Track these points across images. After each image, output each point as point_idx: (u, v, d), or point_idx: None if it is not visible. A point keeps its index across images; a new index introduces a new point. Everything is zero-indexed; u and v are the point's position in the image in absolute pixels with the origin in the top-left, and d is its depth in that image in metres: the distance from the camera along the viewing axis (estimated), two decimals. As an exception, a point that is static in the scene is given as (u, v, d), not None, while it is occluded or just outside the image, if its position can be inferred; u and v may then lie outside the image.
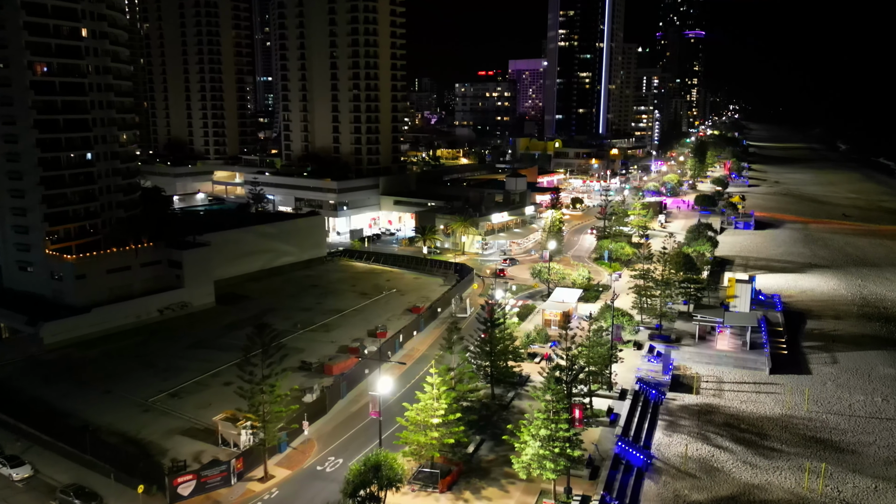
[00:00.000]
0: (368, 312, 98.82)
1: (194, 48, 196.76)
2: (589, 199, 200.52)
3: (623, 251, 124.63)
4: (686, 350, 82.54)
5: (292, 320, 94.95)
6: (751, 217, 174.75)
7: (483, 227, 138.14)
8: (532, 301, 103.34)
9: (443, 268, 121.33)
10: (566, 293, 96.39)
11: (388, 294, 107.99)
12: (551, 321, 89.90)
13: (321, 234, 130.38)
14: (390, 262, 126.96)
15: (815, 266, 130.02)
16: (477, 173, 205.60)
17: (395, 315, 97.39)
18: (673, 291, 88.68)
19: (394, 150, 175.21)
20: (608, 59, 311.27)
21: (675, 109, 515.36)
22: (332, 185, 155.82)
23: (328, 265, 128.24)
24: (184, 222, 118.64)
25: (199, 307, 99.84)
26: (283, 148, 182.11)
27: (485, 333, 68.62)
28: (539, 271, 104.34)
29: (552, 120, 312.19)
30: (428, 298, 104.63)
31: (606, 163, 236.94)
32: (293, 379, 74.73)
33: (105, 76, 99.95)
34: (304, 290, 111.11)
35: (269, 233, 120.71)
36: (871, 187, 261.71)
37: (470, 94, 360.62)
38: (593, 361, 67.41)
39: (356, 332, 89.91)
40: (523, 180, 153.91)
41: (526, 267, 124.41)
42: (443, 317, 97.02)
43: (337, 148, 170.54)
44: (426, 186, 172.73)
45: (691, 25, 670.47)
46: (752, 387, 74.22)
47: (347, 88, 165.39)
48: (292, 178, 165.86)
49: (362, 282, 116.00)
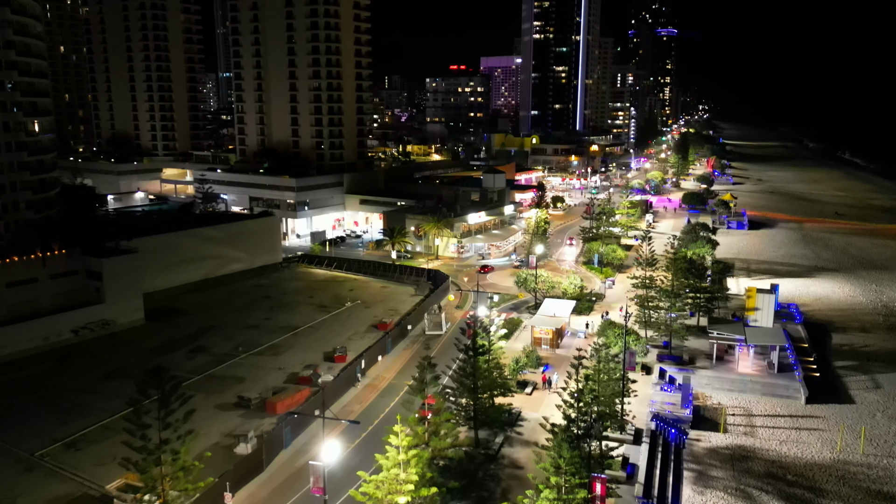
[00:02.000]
0: (326, 330, 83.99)
1: (138, 34, 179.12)
2: (570, 198, 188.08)
3: (615, 254, 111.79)
4: (703, 374, 69.48)
5: (234, 341, 79.70)
6: (743, 216, 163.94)
7: (458, 229, 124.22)
8: (517, 314, 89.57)
9: (414, 275, 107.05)
10: (557, 305, 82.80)
11: (351, 307, 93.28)
12: (542, 339, 76.17)
13: (275, 237, 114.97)
14: (354, 269, 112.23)
15: (823, 269, 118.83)
16: (450, 170, 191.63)
17: (358, 333, 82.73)
18: (682, 303, 75.48)
19: (359, 144, 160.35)
20: (585, 52, 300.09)
21: (650, 107, 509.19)
22: (291, 182, 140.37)
23: (284, 273, 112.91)
24: (113, 225, 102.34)
25: (125, 326, 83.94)
26: (237, 143, 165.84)
27: (466, 363, 54.34)
28: (525, 279, 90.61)
29: (527, 116, 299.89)
30: (397, 312, 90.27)
31: (586, 160, 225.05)
32: (226, 420, 59.75)
33: (6, 51, 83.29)
34: (253, 303, 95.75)
35: (214, 236, 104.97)
36: (856, 185, 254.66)
37: (441, 89, 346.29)
38: (602, 397, 53.69)
39: (310, 356, 75.07)
40: (502, 177, 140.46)
41: (507, 273, 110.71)
42: (414, 334, 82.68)
43: (296, 142, 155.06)
44: (395, 184, 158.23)
45: (663, 23, 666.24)
46: (789, 421, 61.37)
47: (307, 76, 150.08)
48: (246, 176, 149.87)
49: (321, 292, 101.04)
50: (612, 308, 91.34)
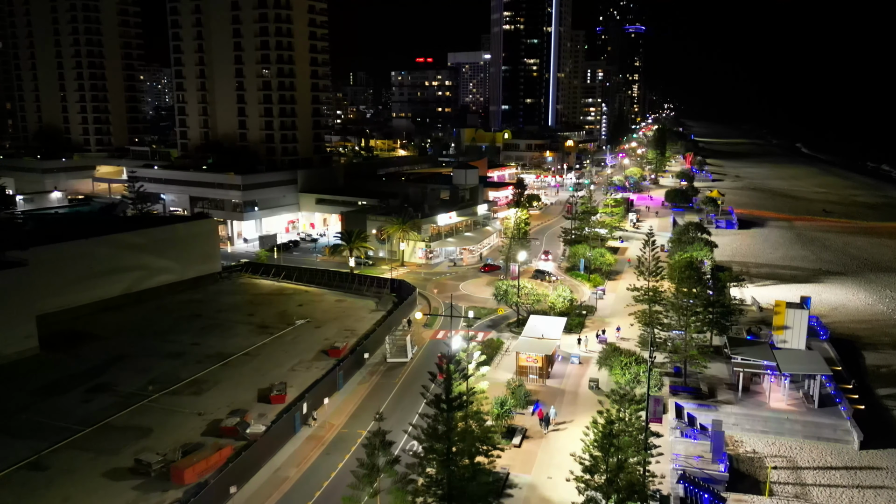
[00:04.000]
0: (266, 358, 68.79)
1: (66, 16, 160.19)
2: (546, 197, 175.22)
3: (604, 259, 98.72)
4: (728, 411, 56.36)
5: (148, 375, 64.01)
6: (731, 215, 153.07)
7: (426, 231, 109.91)
8: (496, 332, 75.64)
9: (375, 286, 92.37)
10: (545, 323, 69.01)
11: (299, 326, 78.17)
12: (529, 368, 62.27)
13: (212, 242, 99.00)
14: (306, 279, 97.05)
15: (828, 273, 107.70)
16: (417, 167, 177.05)
17: (305, 361, 67.76)
18: (699, 320, 62.22)
19: (316, 138, 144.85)
20: (557, 44, 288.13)
21: (620, 104, 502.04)
22: (236, 179, 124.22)
23: (222, 285, 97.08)
24: (10, 231, 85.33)
25: (10, 357, 67.52)
26: (178, 136, 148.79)
27: (438, 420, 39.87)
28: (505, 292, 76.63)
29: (498, 111, 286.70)
30: (353, 332, 75.55)
31: (562, 155, 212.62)
32: (116, 495, 44.39)
33: None
34: (179, 324, 79.91)
35: (136, 243, 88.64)
36: (835, 181, 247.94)
37: (408, 83, 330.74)
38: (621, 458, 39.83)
39: (241, 395, 59.88)
40: (474, 172, 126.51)
41: (483, 282, 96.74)
42: (373, 362, 68.05)
43: (244, 135, 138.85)
44: (357, 182, 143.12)
45: (631, 20, 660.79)
46: (846, 476, 48.54)
47: (255, 60, 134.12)
48: (186, 173, 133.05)
49: (265, 308, 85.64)
50: (607, 323, 78.12)
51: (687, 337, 60.27)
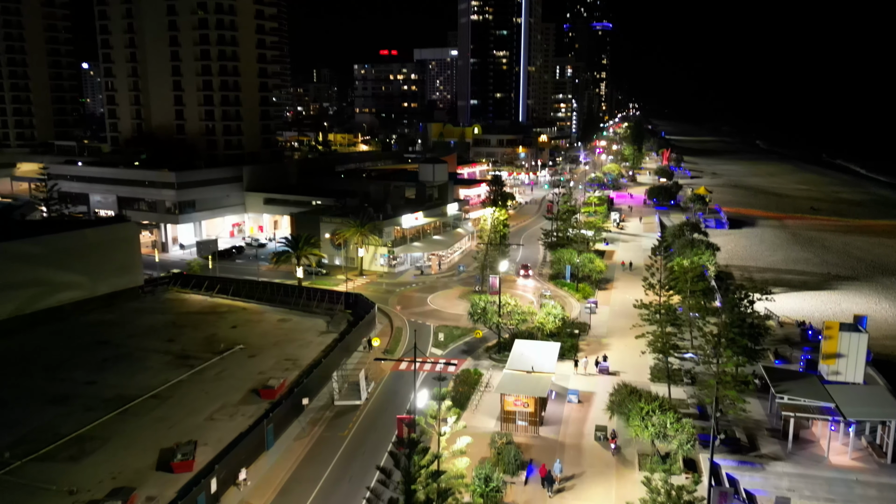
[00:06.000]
0: (179, 401, 53.63)
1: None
2: (521, 195, 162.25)
3: (593, 266, 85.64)
4: (777, 469, 43.45)
5: (15, 431, 48.38)
6: (720, 214, 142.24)
7: (389, 235, 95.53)
8: (472, 360, 61.73)
9: (327, 301, 77.59)
10: (534, 350, 55.32)
11: (228, 355, 63.06)
12: (517, 414, 48.42)
13: (132, 251, 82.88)
14: (245, 293, 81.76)
15: (839, 278, 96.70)
16: (381, 163, 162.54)
17: (229, 406, 52.78)
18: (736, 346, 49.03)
19: (264, 130, 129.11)
20: (527, 36, 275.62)
21: (590, 102, 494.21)
22: (170, 177, 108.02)
23: (145, 301, 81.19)
24: None
25: None
26: (108, 128, 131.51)
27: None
28: (483, 309, 62.67)
29: (466, 106, 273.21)
30: (295, 363, 60.87)
31: (535, 152, 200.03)
32: None
33: None
34: (78, 354, 64.01)
35: (31, 253, 72.30)
36: (814, 178, 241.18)
37: (371, 76, 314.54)
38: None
39: (133, 461, 44.71)
40: (443, 167, 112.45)
41: (455, 294, 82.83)
42: (317, 405, 53.45)
43: (181, 126, 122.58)
44: (312, 179, 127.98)
45: (598, 17, 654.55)
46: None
47: (192, 42, 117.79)
48: (113, 170, 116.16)
49: (190, 331, 70.21)
50: (605, 346, 64.98)
51: (718, 369, 47.10)
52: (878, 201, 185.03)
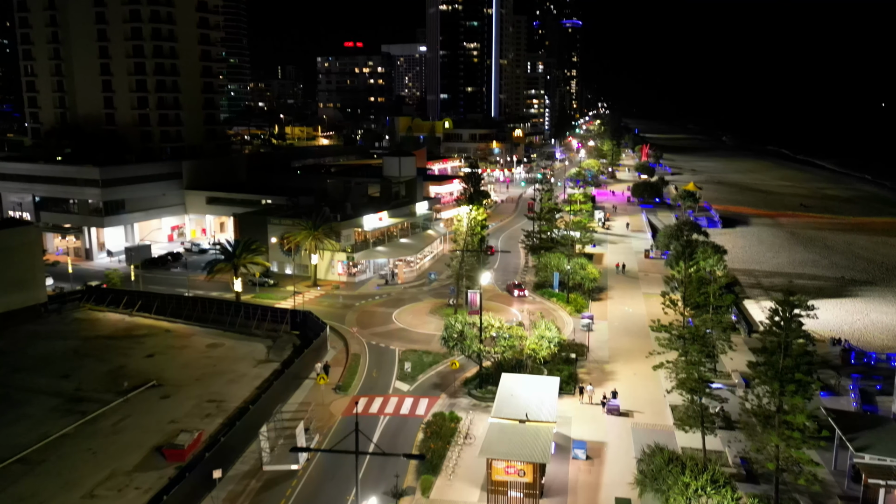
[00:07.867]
0: (54, 468, 39.81)
1: None
2: (496, 194, 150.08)
3: (585, 273, 73.54)
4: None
5: None
6: (710, 212, 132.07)
7: (349, 238, 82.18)
8: (447, 398, 48.97)
9: (270, 320, 64.06)
10: (528, 388, 42.84)
11: (134, 396, 49.23)
12: (509, 484, 35.73)
13: (32, 262, 68.12)
14: (172, 311, 67.77)
15: (856, 283, 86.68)
16: (343, 158, 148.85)
17: (119, 473, 39.14)
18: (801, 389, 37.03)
19: (208, 120, 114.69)
20: (498, 28, 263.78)
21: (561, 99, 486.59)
22: (93, 173, 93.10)
23: (47, 322, 66.66)
24: None
25: None
26: (28, 119, 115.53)
27: None
28: (461, 333, 49.82)
29: (436, 100, 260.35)
30: (219, 408, 47.42)
31: (510, 147, 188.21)
32: None
33: None
34: (-61, 397, 49.53)
35: None
36: (795, 174, 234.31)
37: (335, 69, 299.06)
38: None
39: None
40: (411, 161, 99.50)
41: (426, 309, 69.97)
42: (239, 472, 40.03)
43: (111, 116, 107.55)
44: (264, 176, 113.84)
45: (568, 14, 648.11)
46: None
47: (122, 19, 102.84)
48: (29, 165, 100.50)
49: (93, 362, 56.07)
50: (609, 374, 52.91)
51: (777, 420, 35.09)
52: (868, 198, 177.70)
